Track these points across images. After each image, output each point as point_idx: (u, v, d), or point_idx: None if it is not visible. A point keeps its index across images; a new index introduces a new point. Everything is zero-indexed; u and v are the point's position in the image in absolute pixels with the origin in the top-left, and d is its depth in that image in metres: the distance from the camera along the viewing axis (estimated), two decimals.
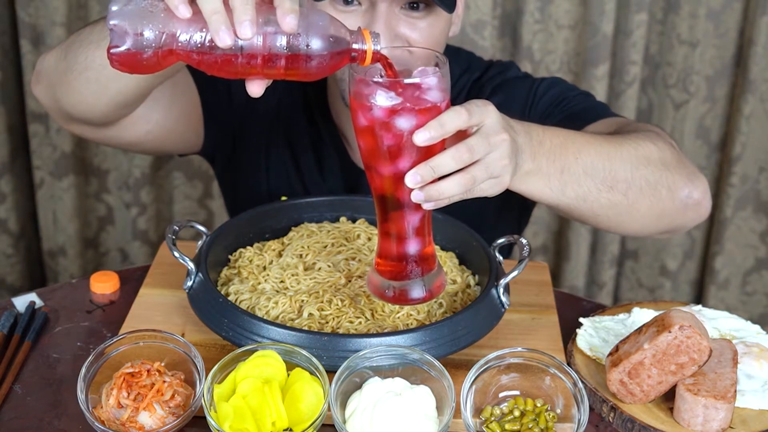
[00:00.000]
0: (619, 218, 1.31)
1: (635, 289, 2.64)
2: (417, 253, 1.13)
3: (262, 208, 1.44)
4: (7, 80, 2.40)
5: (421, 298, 1.15)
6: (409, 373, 1.14)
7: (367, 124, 1.03)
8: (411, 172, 1.03)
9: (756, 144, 2.42)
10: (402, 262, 1.14)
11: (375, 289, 1.16)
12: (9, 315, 1.32)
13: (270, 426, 1.09)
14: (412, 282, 1.14)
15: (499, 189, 1.12)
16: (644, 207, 1.31)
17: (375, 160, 1.07)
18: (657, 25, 2.38)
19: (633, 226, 1.35)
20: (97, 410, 1.13)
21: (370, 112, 1.02)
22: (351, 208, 1.47)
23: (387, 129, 1.02)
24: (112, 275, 1.43)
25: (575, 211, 1.29)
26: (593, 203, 1.27)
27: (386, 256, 1.14)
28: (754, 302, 2.60)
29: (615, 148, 1.28)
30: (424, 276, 1.14)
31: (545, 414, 1.14)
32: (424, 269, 1.14)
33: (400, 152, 1.04)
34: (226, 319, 1.21)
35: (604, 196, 1.27)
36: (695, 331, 1.15)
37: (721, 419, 1.15)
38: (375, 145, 1.05)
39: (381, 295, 1.16)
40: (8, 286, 2.54)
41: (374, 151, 1.05)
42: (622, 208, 1.30)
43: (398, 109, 1.01)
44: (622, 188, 1.28)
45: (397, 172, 1.05)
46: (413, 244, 1.12)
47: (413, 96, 1.02)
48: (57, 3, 2.25)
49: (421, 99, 1.02)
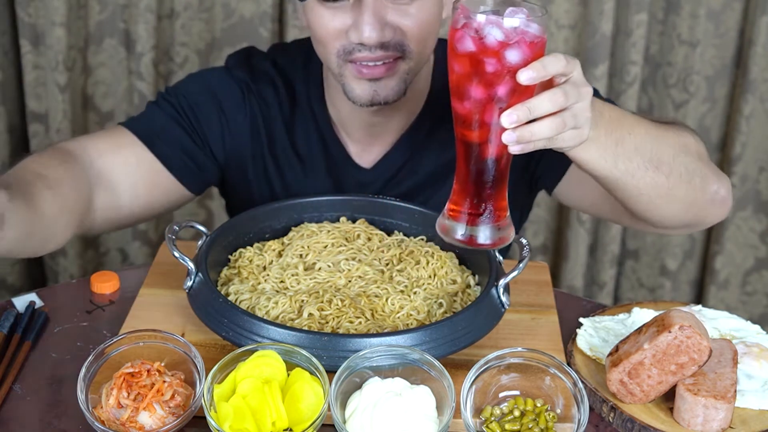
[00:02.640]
0: (658, 200, 1.33)
1: (635, 289, 2.64)
2: (492, 202, 1.14)
3: (262, 208, 1.44)
4: (7, 80, 2.40)
5: (489, 244, 1.15)
6: (409, 373, 1.14)
7: (476, 57, 1.06)
8: (508, 111, 1.05)
9: (756, 144, 2.42)
10: (476, 209, 1.14)
11: (445, 232, 1.16)
12: (9, 315, 1.32)
13: (270, 426, 1.09)
14: (483, 228, 1.14)
15: (578, 141, 1.14)
16: (681, 193, 1.34)
17: (470, 102, 1.08)
18: (657, 25, 2.38)
19: (667, 211, 1.36)
20: (97, 410, 1.13)
21: (485, 45, 1.05)
22: (351, 208, 1.47)
23: (494, 63, 1.05)
24: (112, 275, 1.43)
25: (620, 187, 1.29)
26: (639, 180, 1.28)
27: (461, 201, 1.15)
28: (754, 302, 2.60)
29: (661, 131, 1.31)
30: (493, 224, 1.14)
31: (545, 414, 1.14)
32: (496, 218, 1.14)
33: (499, 91, 1.07)
34: (226, 319, 1.21)
35: (649, 175, 1.28)
36: (695, 331, 1.15)
37: (721, 419, 1.15)
38: (475, 83, 1.07)
39: (452, 237, 1.15)
40: (8, 286, 2.54)
41: (472, 90, 1.08)
42: (662, 190, 1.31)
43: (510, 43, 1.05)
44: (665, 170, 1.30)
45: (487, 108, 1.08)
46: (490, 191, 1.13)
47: (521, 33, 1.05)
48: (57, 3, 2.25)
49: (528, 36, 1.06)
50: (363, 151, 1.55)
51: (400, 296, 1.30)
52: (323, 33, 1.38)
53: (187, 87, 1.55)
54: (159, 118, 1.53)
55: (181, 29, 2.35)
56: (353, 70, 1.38)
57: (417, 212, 1.45)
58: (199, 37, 2.38)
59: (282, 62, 1.57)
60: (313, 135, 1.56)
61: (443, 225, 1.16)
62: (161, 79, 2.41)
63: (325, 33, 1.37)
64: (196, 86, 1.55)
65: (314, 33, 1.40)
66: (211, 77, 1.57)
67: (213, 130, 1.55)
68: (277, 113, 1.56)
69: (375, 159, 1.55)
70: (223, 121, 1.55)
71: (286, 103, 1.56)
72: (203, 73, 1.59)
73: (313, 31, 1.40)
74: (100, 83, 2.42)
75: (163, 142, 1.51)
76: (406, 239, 1.43)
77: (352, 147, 1.55)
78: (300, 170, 1.57)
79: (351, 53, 1.37)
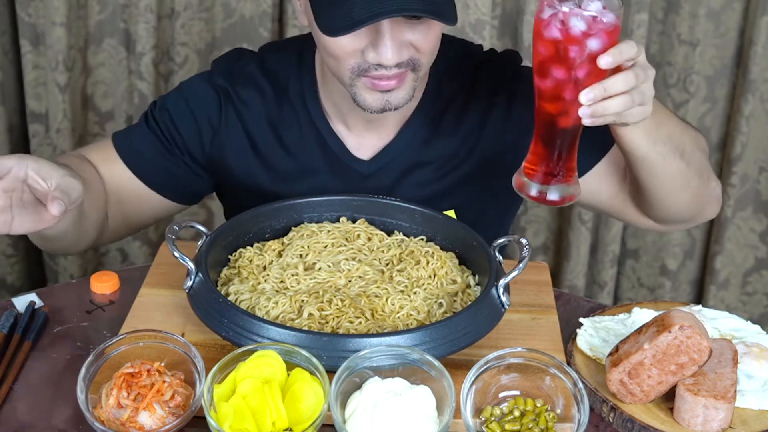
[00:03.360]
0: (678, 187, 1.44)
1: (635, 288, 2.64)
2: (563, 164, 1.27)
3: (262, 208, 1.44)
4: (7, 80, 2.40)
5: (558, 201, 1.29)
6: (409, 373, 1.14)
7: (561, 44, 1.20)
8: (586, 90, 1.18)
9: (756, 144, 2.42)
10: (549, 169, 1.27)
11: (520, 187, 1.30)
12: (9, 315, 1.32)
13: (270, 426, 1.09)
14: (554, 187, 1.28)
15: (643, 116, 1.26)
16: (694, 183, 1.45)
17: (552, 80, 1.23)
18: (657, 25, 2.38)
19: (680, 200, 1.47)
20: (97, 410, 1.13)
21: (569, 34, 1.19)
22: (351, 208, 1.47)
23: (577, 50, 1.20)
24: (112, 275, 1.43)
25: (651, 169, 1.39)
26: (668, 165, 1.39)
27: (537, 162, 1.28)
28: (754, 302, 2.60)
29: (683, 125, 1.44)
30: (563, 183, 1.28)
31: (545, 414, 1.14)
32: (565, 179, 1.28)
33: (579, 72, 1.21)
34: (226, 319, 1.21)
35: (676, 161, 1.39)
36: (695, 331, 1.15)
37: (721, 419, 1.15)
38: (558, 65, 1.22)
39: (526, 193, 1.29)
40: (8, 286, 2.54)
41: (555, 71, 1.22)
42: (683, 178, 1.42)
43: (592, 33, 1.19)
44: (687, 159, 1.41)
45: (567, 86, 1.22)
46: (562, 155, 1.27)
47: (601, 23, 1.19)
48: (57, 3, 2.25)
49: (607, 26, 1.20)
50: (362, 145, 1.55)
51: (400, 296, 1.30)
52: (338, 52, 1.36)
53: (168, 101, 1.58)
54: (142, 136, 1.58)
55: (182, 29, 2.35)
56: (366, 82, 1.38)
57: (417, 212, 1.45)
58: (199, 37, 2.37)
59: (272, 62, 1.57)
60: (308, 131, 1.55)
61: (519, 181, 1.30)
62: (161, 79, 2.41)
63: (340, 52, 1.36)
64: (174, 100, 1.58)
65: (327, 49, 1.38)
66: (189, 88, 1.58)
67: (192, 142, 1.57)
68: (262, 115, 1.55)
69: (374, 151, 1.54)
70: (201, 131, 1.56)
71: (273, 103, 1.55)
72: (183, 85, 1.60)
73: (325, 47, 1.38)
74: (100, 83, 2.42)
75: (144, 160, 1.57)
76: (406, 239, 1.43)
77: (350, 140, 1.55)
78: (294, 168, 1.56)
79: (367, 71, 1.36)
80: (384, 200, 1.46)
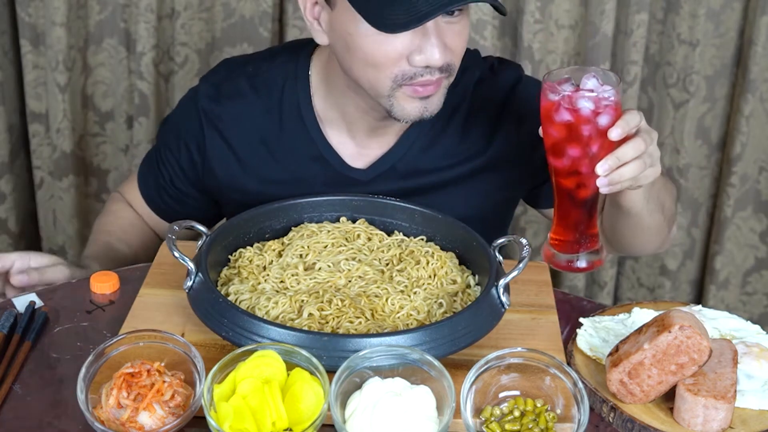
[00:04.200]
0: (652, 236, 1.51)
1: (635, 288, 2.64)
2: (586, 231, 1.35)
3: (262, 208, 1.44)
4: (7, 80, 2.40)
5: (586, 268, 1.37)
6: (409, 373, 1.14)
7: (572, 125, 1.27)
8: (601, 162, 1.25)
9: (756, 144, 2.42)
10: (574, 238, 1.35)
11: (549, 259, 1.38)
12: (9, 315, 1.32)
13: (270, 426, 1.09)
14: (581, 255, 1.35)
15: (654, 176, 1.31)
16: (664, 232, 1.53)
17: (567, 158, 1.29)
18: (657, 25, 2.38)
19: (651, 245, 1.56)
20: (97, 410, 1.13)
21: (579, 115, 1.26)
22: (351, 208, 1.47)
23: (589, 129, 1.27)
24: (112, 275, 1.43)
25: (638, 223, 1.45)
26: (653, 219, 1.46)
27: (562, 233, 1.36)
28: (754, 302, 2.60)
29: (664, 178, 1.47)
30: (589, 251, 1.35)
31: (545, 414, 1.14)
32: (590, 244, 1.35)
33: (593, 148, 1.28)
34: (226, 319, 1.21)
35: (659, 215, 1.47)
36: (695, 331, 1.15)
37: (721, 419, 1.15)
38: (572, 144, 1.28)
39: (556, 264, 1.37)
40: None
41: (569, 150, 1.29)
42: (658, 228, 1.50)
43: (601, 111, 1.26)
44: (666, 213, 1.49)
45: (583, 161, 1.29)
46: (584, 223, 1.34)
47: (605, 99, 1.26)
48: (57, 3, 2.25)
49: (611, 101, 1.27)
50: (360, 154, 1.54)
51: (400, 296, 1.30)
52: (382, 59, 1.34)
53: (165, 138, 1.63)
54: (154, 177, 1.65)
55: (182, 29, 2.35)
56: (408, 91, 1.37)
57: (417, 212, 1.45)
58: (199, 36, 2.37)
59: (263, 72, 1.55)
60: (302, 142, 1.53)
61: (548, 253, 1.37)
62: (161, 79, 2.41)
63: (384, 59, 1.34)
64: (167, 135, 1.63)
65: (369, 59, 1.35)
66: (176, 118, 1.62)
67: (192, 172, 1.60)
68: (252, 129, 1.54)
69: (372, 159, 1.54)
70: (193, 158, 1.59)
71: (264, 116, 1.54)
72: (170, 118, 1.64)
73: (366, 57, 1.35)
74: (100, 83, 2.42)
75: (162, 201, 1.67)
76: (406, 239, 1.43)
77: (347, 150, 1.54)
78: (289, 178, 1.54)
79: (413, 77, 1.35)
80: (384, 200, 1.46)
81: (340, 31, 1.37)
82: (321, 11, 1.40)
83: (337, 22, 1.38)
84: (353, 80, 1.42)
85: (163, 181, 1.64)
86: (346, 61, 1.40)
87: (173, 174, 1.62)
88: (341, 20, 1.36)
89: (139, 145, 2.41)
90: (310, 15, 1.42)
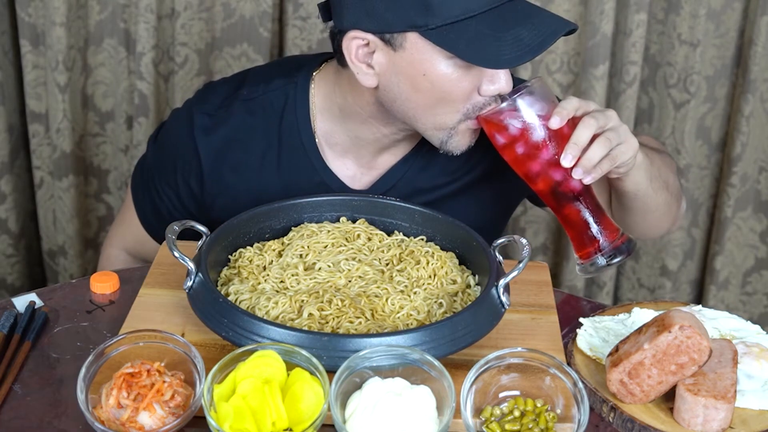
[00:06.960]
0: (662, 215, 1.52)
1: (635, 289, 2.64)
2: (600, 228, 1.34)
3: (262, 208, 1.44)
4: (7, 80, 2.40)
5: (618, 261, 1.34)
6: (409, 373, 1.14)
7: (521, 138, 1.31)
8: (563, 155, 1.26)
9: (756, 144, 2.42)
10: (591, 240, 1.34)
11: (585, 273, 1.36)
12: (9, 315, 1.32)
13: (270, 426, 1.09)
14: (607, 252, 1.34)
15: (633, 153, 1.31)
16: (674, 209, 1.54)
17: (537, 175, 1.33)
18: (657, 25, 2.38)
19: (663, 224, 1.57)
20: (97, 410, 1.13)
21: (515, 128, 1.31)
22: (351, 208, 1.47)
23: (529, 138, 1.30)
24: (112, 275, 1.43)
25: (645, 204, 1.46)
26: (658, 198, 1.47)
27: (579, 242, 1.36)
28: (754, 302, 2.60)
29: (659, 153, 1.50)
30: (611, 243, 1.34)
31: (545, 414, 1.14)
32: (611, 238, 1.34)
33: (546, 150, 1.30)
34: (226, 319, 1.21)
35: (665, 193, 1.48)
36: (695, 331, 1.15)
37: (721, 419, 1.15)
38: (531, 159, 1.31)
39: (592, 273, 1.36)
40: (8, 286, 2.54)
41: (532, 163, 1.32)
42: (667, 206, 1.50)
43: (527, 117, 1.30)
44: (671, 189, 1.50)
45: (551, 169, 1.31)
46: (593, 221, 1.34)
47: (531, 107, 1.30)
48: (57, 3, 2.25)
49: (540, 106, 1.30)
50: (362, 174, 1.53)
51: (400, 296, 1.30)
52: (459, 95, 1.33)
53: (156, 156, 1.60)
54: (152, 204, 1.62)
55: (182, 29, 2.35)
56: (472, 124, 1.37)
57: (417, 212, 1.45)
58: (199, 37, 2.37)
59: (261, 97, 1.51)
60: (301, 164, 1.52)
61: (582, 269, 1.36)
62: (161, 79, 2.41)
63: (460, 95, 1.33)
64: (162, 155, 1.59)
65: (446, 96, 1.34)
66: (171, 145, 1.57)
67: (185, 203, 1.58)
68: (249, 154, 1.52)
69: (372, 180, 1.53)
70: (190, 190, 1.56)
71: (261, 141, 1.51)
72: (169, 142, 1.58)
73: (441, 94, 1.34)
74: (100, 83, 2.42)
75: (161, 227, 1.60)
76: (406, 239, 1.43)
77: (347, 171, 1.53)
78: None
79: (482, 108, 1.35)
80: (384, 200, 1.46)
81: (408, 72, 1.33)
82: (373, 54, 1.35)
83: (403, 63, 1.33)
84: (401, 116, 1.39)
85: (162, 212, 1.60)
86: (408, 101, 1.36)
87: (172, 208, 1.59)
88: (410, 61, 1.32)
89: (139, 145, 2.41)
90: (356, 59, 1.36)
